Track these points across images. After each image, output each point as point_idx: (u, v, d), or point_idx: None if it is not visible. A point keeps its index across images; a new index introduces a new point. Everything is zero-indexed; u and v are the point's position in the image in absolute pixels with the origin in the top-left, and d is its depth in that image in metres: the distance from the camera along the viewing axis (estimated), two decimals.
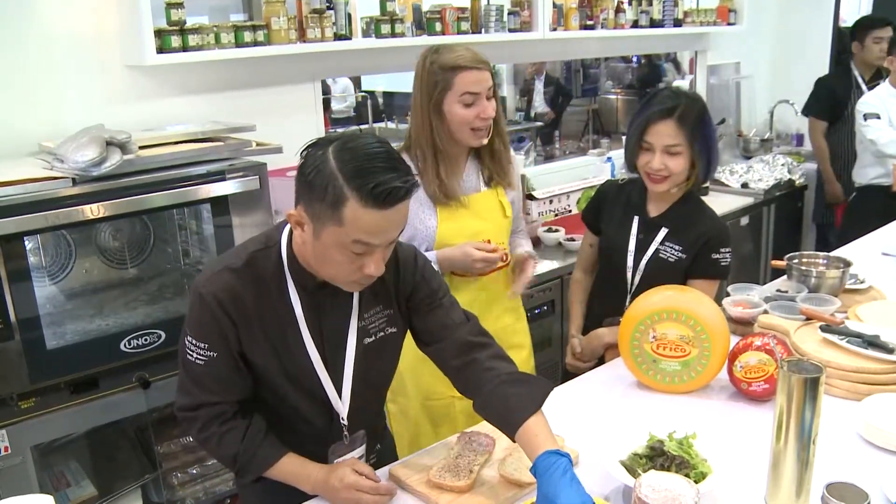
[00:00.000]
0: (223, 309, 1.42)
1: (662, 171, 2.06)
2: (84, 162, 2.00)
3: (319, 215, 1.32)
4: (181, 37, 2.48)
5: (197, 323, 1.45)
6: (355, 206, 1.28)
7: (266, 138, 2.48)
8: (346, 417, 1.57)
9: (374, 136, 1.39)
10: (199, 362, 1.46)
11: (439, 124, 2.00)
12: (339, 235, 1.32)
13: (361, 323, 1.54)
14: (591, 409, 1.84)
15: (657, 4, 4.13)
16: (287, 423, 1.56)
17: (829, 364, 1.78)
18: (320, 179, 1.30)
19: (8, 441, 2.05)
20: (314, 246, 1.37)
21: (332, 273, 1.41)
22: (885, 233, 3.16)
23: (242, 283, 1.43)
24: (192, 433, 1.53)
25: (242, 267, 1.45)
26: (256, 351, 1.47)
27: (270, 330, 1.47)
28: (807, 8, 5.29)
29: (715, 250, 2.12)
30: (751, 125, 5.44)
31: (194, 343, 1.45)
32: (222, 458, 1.55)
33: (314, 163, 1.31)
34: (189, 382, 1.49)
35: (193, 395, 1.49)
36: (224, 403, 1.50)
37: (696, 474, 1.42)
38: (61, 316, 2.25)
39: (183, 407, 1.51)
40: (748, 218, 4.37)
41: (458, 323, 1.59)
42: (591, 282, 2.41)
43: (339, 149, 1.31)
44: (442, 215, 2.06)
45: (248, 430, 1.50)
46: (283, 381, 1.50)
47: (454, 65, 1.95)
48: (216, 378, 1.47)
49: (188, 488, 2.53)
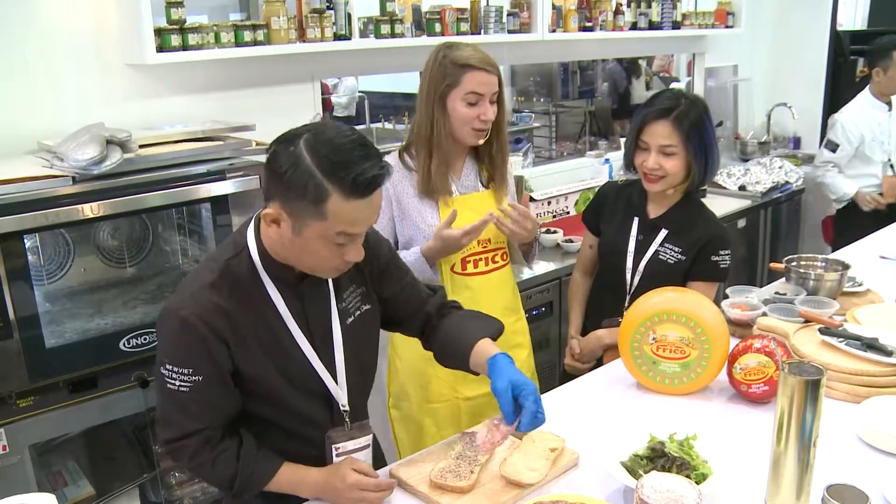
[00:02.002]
0: (210, 328, 1.38)
1: (657, 170, 2.07)
2: (84, 160, 1.99)
3: (300, 212, 1.32)
4: (181, 36, 2.47)
5: (177, 349, 1.40)
6: (338, 200, 1.30)
7: (265, 138, 2.46)
8: (346, 404, 1.57)
9: (340, 125, 1.40)
10: (184, 389, 1.40)
11: (441, 118, 2.01)
12: (322, 230, 1.33)
13: (341, 305, 1.55)
14: (591, 410, 1.84)
15: (656, 7, 4.14)
16: (285, 427, 1.55)
17: (828, 366, 1.78)
18: (297, 177, 1.29)
19: (6, 440, 2.04)
20: (293, 241, 1.37)
21: (313, 264, 1.41)
22: (882, 236, 3.17)
23: (222, 296, 1.40)
24: (183, 462, 1.48)
25: (218, 279, 1.41)
26: (250, 361, 1.45)
27: (260, 334, 1.45)
28: (804, 11, 5.30)
29: (714, 252, 2.13)
30: (748, 128, 5.45)
31: (175, 370, 1.39)
32: (217, 482, 1.51)
33: (288, 160, 1.31)
34: (173, 413, 1.44)
35: (179, 425, 1.44)
36: (211, 429, 1.45)
37: (697, 475, 1.42)
38: (60, 315, 2.25)
39: (168, 440, 1.46)
40: (745, 220, 4.38)
41: (427, 295, 1.72)
42: (590, 283, 2.42)
43: (311, 143, 1.31)
44: (444, 214, 2.06)
45: (241, 450, 1.47)
46: (281, 383, 1.49)
47: (465, 62, 1.97)
48: (202, 403, 1.42)
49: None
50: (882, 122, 4.07)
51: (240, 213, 2.32)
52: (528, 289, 3.11)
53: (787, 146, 5.55)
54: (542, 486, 1.51)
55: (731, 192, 4.49)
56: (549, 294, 3.23)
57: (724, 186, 4.52)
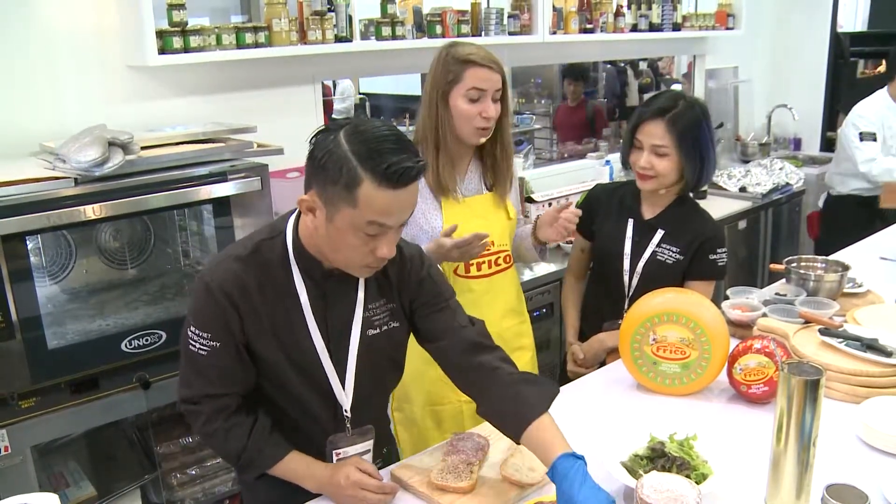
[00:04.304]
0: (229, 300, 1.42)
1: (649, 170, 2.08)
2: (86, 162, 2.00)
3: (333, 198, 1.33)
4: (183, 38, 2.48)
5: (201, 313, 1.45)
6: (369, 187, 1.31)
7: (267, 139, 2.48)
8: (349, 409, 1.57)
9: (381, 121, 1.41)
10: (203, 352, 1.45)
11: (445, 116, 2.01)
12: (353, 217, 1.33)
13: (366, 314, 1.55)
14: (591, 411, 1.85)
15: (656, 8, 4.15)
16: (291, 417, 1.56)
17: (828, 367, 1.78)
18: (333, 163, 1.31)
19: (8, 441, 2.04)
20: (327, 230, 1.38)
21: (345, 257, 1.41)
22: (882, 237, 3.17)
23: (248, 272, 1.44)
24: (197, 427, 1.52)
25: (248, 255, 1.45)
26: (262, 341, 1.47)
27: (276, 318, 1.47)
28: (805, 13, 5.31)
29: (712, 251, 2.14)
30: (749, 129, 5.46)
31: (197, 333, 1.45)
32: (226, 454, 1.55)
33: (325, 147, 1.33)
34: (191, 373, 1.49)
35: (196, 386, 1.49)
36: (227, 396, 1.50)
37: (697, 475, 1.43)
38: (62, 316, 2.25)
39: (186, 399, 1.51)
40: (746, 222, 4.38)
41: (464, 325, 1.59)
42: (583, 287, 2.42)
43: (349, 132, 1.33)
44: (447, 215, 2.06)
45: (254, 427, 1.51)
46: (288, 370, 1.50)
47: (466, 59, 1.97)
48: (219, 369, 1.47)
49: (187, 489, 2.53)
50: (893, 125, 4.03)
51: (241, 214, 2.32)
52: (529, 290, 3.11)
53: (788, 147, 5.56)
54: (542, 487, 1.52)
55: (731, 194, 4.49)
56: (550, 295, 3.24)
57: (724, 188, 4.53)
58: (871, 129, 3.93)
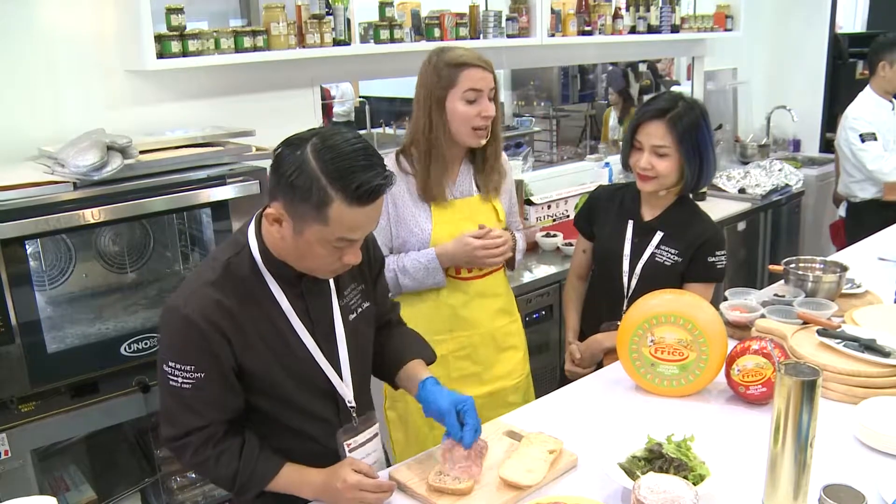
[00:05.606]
0: (214, 327, 1.39)
1: (649, 170, 2.09)
2: (85, 166, 2.01)
3: (303, 215, 1.34)
4: (181, 42, 2.49)
5: (179, 345, 1.41)
6: (340, 206, 1.32)
7: (266, 143, 2.48)
8: (352, 400, 1.58)
9: (348, 131, 1.40)
10: (186, 386, 1.41)
11: (439, 121, 2.01)
12: (322, 233, 1.35)
13: (342, 301, 1.57)
14: (589, 412, 1.85)
15: (654, 10, 4.15)
16: (294, 427, 1.56)
17: (825, 368, 1.79)
18: (303, 180, 1.31)
19: (8, 445, 2.05)
20: (295, 241, 1.39)
21: (312, 266, 1.44)
22: (881, 238, 3.17)
23: (225, 293, 1.42)
24: (185, 459, 1.49)
25: (220, 278, 1.43)
26: (253, 357, 1.46)
27: (263, 331, 1.46)
28: (803, 14, 5.32)
29: (711, 253, 2.14)
30: (748, 131, 5.46)
31: (178, 367, 1.41)
32: (220, 480, 1.52)
33: (294, 162, 1.33)
34: (175, 410, 1.45)
35: (181, 422, 1.45)
36: (213, 426, 1.47)
37: (695, 476, 1.43)
38: (62, 320, 2.26)
39: (171, 437, 1.47)
40: (745, 223, 4.38)
41: (392, 304, 1.81)
42: (585, 288, 2.42)
43: (317, 148, 1.33)
44: (436, 218, 2.07)
45: (243, 448, 1.48)
46: (286, 380, 1.50)
47: (459, 62, 1.98)
48: (205, 400, 1.44)
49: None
50: (886, 120, 4.03)
51: (240, 218, 2.32)
52: (527, 292, 3.12)
53: (787, 149, 5.55)
54: (540, 488, 1.52)
55: (730, 195, 4.49)
56: (548, 297, 3.24)
57: (723, 189, 4.53)
58: (869, 129, 3.95)
